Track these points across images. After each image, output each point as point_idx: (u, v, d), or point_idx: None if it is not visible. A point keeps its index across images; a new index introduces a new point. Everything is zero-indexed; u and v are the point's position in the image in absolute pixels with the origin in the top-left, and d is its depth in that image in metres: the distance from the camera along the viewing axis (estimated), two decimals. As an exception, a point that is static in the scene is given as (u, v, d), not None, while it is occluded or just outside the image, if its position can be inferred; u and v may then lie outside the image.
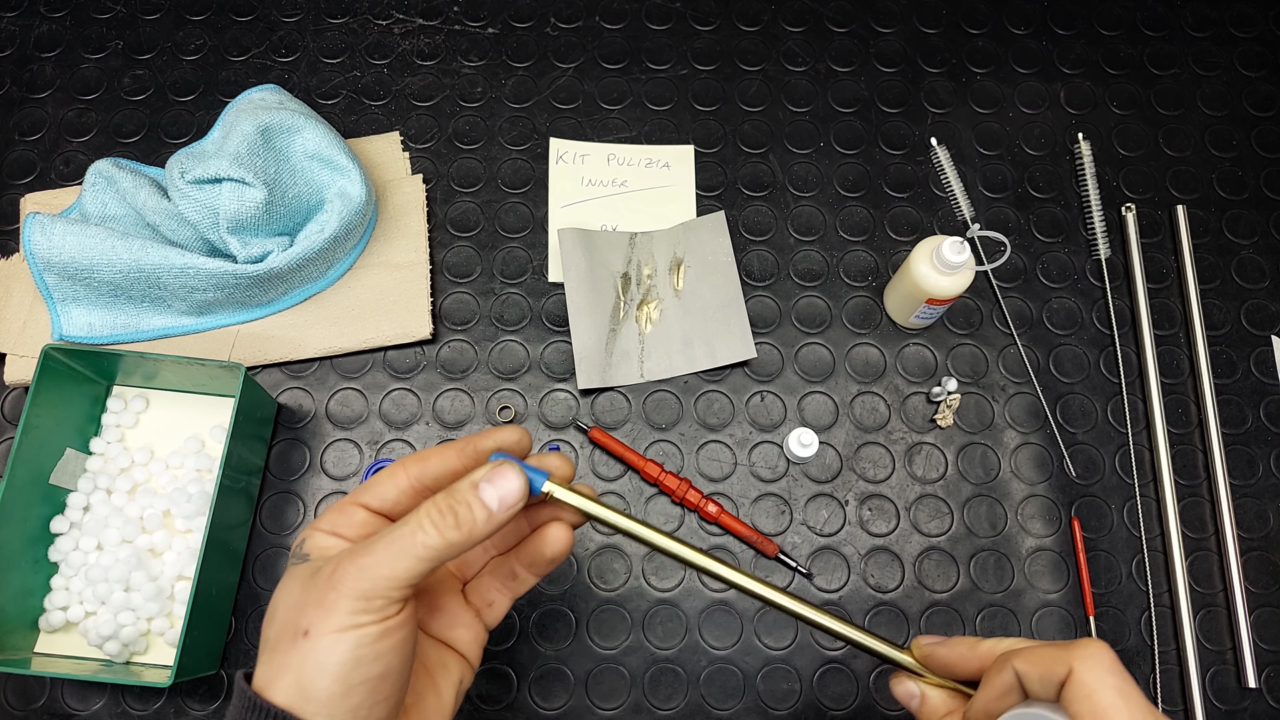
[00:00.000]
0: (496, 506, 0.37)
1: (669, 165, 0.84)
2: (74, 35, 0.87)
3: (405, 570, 0.35)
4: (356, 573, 0.35)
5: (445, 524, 0.36)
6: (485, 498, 0.37)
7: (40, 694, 0.68)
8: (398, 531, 0.36)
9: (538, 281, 0.80)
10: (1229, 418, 0.77)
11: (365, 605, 0.34)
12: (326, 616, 0.34)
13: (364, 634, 0.34)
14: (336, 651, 0.34)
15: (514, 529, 0.44)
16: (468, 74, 0.86)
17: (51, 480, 0.69)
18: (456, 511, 0.36)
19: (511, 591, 0.45)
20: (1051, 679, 0.37)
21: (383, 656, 0.35)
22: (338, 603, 0.34)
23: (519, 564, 0.44)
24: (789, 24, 0.89)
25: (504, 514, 0.37)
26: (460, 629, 0.43)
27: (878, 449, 0.76)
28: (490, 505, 0.37)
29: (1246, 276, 0.82)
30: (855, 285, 0.80)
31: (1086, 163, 0.83)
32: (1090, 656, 0.37)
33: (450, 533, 0.36)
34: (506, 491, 0.37)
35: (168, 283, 0.72)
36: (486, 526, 0.37)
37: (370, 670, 0.35)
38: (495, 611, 0.45)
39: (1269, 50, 0.90)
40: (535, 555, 0.43)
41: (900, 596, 0.72)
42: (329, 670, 0.34)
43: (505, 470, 0.38)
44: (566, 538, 0.43)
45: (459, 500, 0.37)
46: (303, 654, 0.34)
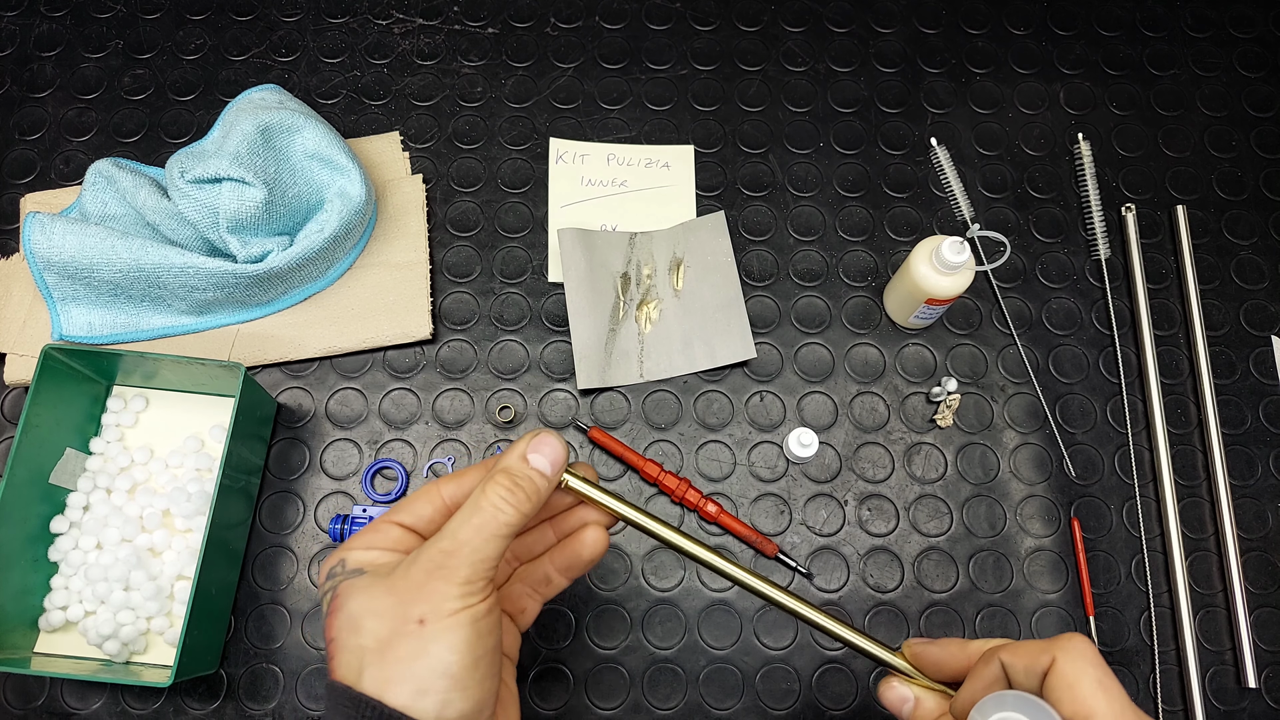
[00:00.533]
0: (549, 470, 0.41)
1: (669, 165, 0.84)
2: (74, 35, 0.87)
3: (495, 549, 0.38)
4: (455, 560, 0.38)
5: (517, 498, 0.39)
6: (537, 464, 0.41)
7: (40, 693, 0.68)
8: (476, 519, 0.39)
9: (537, 281, 0.80)
10: (1229, 418, 0.77)
11: (470, 588, 0.37)
12: (440, 603, 0.37)
13: (477, 611, 0.38)
14: (460, 631, 0.37)
15: (539, 536, 0.47)
16: (468, 74, 0.86)
17: (51, 480, 0.69)
18: (521, 485, 0.40)
19: (542, 595, 0.47)
20: (1035, 670, 0.39)
21: (493, 629, 0.39)
22: (447, 589, 0.37)
23: (554, 568, 0.46)
24: (789, 24, 0.89)
25: (556, 475, 0.41)
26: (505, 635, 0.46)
27: (877, 449, 0.76)
28: (544, 470, 0.41)
29: (1246, 277, 0.82)
30: (855, 285, 0.80)
31: (1086, 163, 0.83)
32: (1073, 649, 0.39)
33: (524, 504, 0.39)
34: (552, 454, 0.41)
35: (167, 282, 0.72)
36: (547, 490, 0.41)
37: (487, 643, 0.38)
38: (527, 617, 0.47)
39: (1268, 51, 0.90)
40: (572, 558, 0.46)
41: (900, 596, 0.72)
42: (457, 648, 0.37)
43: (542, 436, 0.41)
44: (603, 540, 0.46)
45: (520, 475, 0.40)
46: (425, 640, 0.36)
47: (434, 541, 0.39)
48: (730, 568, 0.45)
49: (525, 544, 0.47)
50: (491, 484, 0.40)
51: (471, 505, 0.39)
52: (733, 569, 0.45)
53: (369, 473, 0.74)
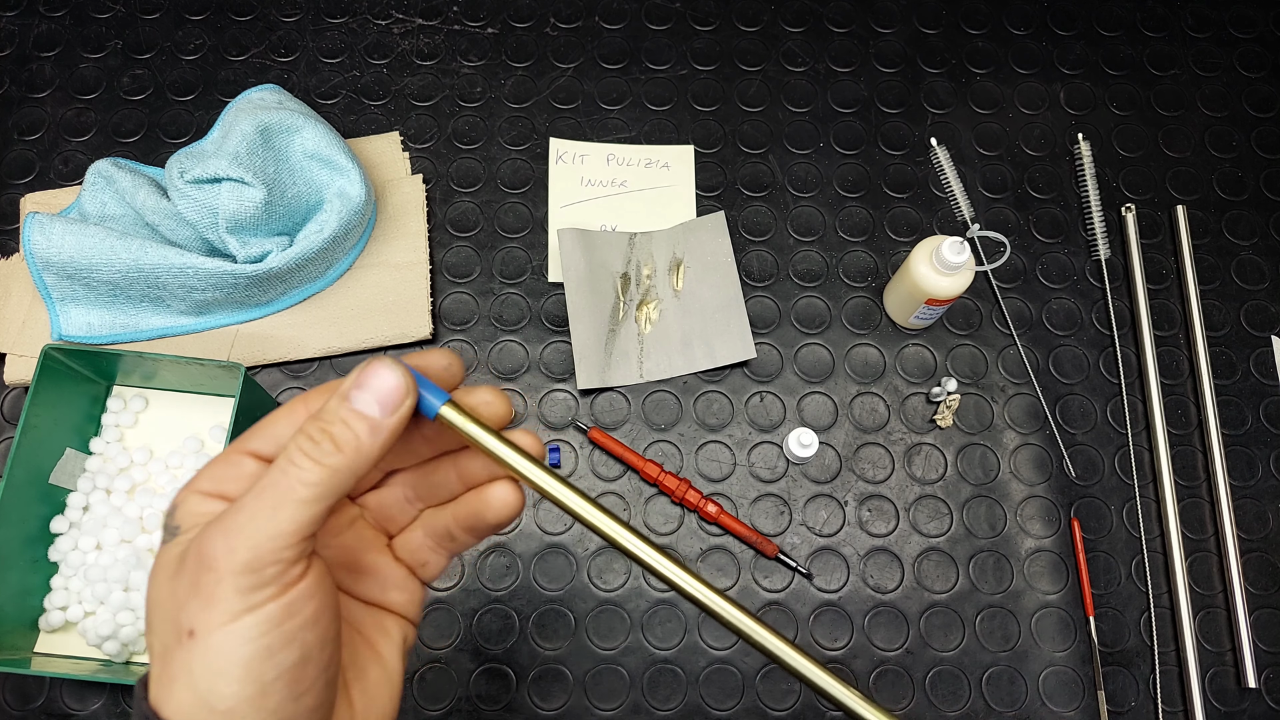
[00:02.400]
0: (379, 412, 0.29)
1: (669, 165, 0.84)
2: (73, 35, 0.87)
3: (290, 521, 0.27)
4: (229, 541, 0.27)
5: (322, 451, 0.28)
6: (360, 406, 0.29)
7: (39, 694, 0.68)
8: (267, 479, 0.28)
9: (537, 281, 0.80)
10: (1229, 419, 0.77)
11: (255, 580, 0.27)
12: (209, 606, 0.27)
13: (264, 615, 0.27)
14: (234, 646, 0.27)
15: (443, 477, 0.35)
16: (467, 74, 0.86)
17: (51, 480, 0.69)
18: (331, 433, 0.29)
19: (449, 550, 0.36)
20: None
21: (295, 637, 0.28)
22: (218, 585, 0.27)
23: (456, 525, 0.35)
24: (789, 24, 0.89)
25: (393, 420, 0.30)
26: (394, 591, 0.35)
27: (877, 449, 0.76)
28: (370, 413, 0.29)
29: (1246, 277, 0.82)
30: (855, 286, 0.80)
31: (1086, 163, 0.83)
32: None
33: (331, 458, 0.28)
34: (383, 391, 0.29)
35: (167, 283, 0.71)
36: (374, 440, 0.29)
37: (285, 659, 0.27)
38: (431, 570, 0.37)
39: (1269, 51, 0.90)
40: (475, 518, 0.34)
41: (899, 597, 0.72)
42: (231, 671, 0.27)
43: (373, 368, 0.30)
44: (513, 499, 0.34)
45: (331, 419, 0.29)
46: (192, 659, 0.27)
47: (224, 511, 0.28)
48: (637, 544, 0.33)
49: (429, 483, 0.35)
50: (297, 432, 0.29)
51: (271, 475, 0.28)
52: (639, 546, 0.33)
53: (369, 473, 0.74)
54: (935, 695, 0.70)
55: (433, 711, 0.69)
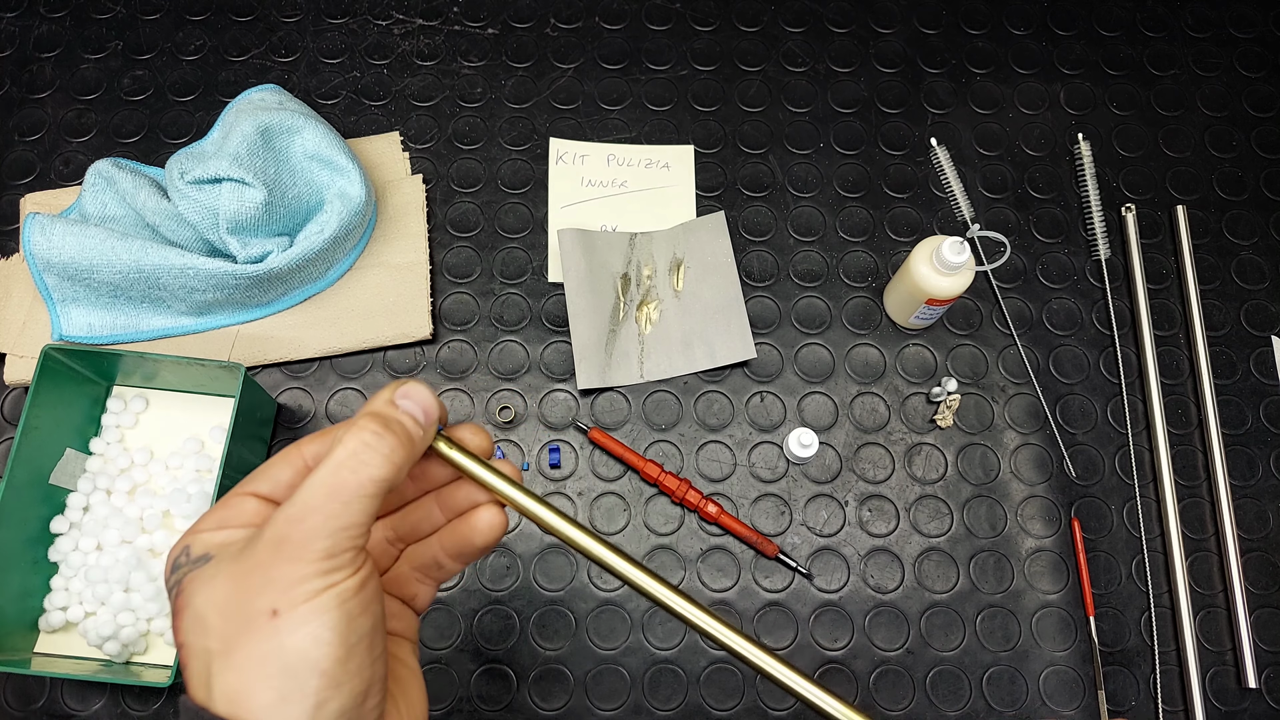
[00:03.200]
0: (422, 417, 0.34)
1: (669, 166, 0.84)
2: (74, 36, 0.87)
3: (361, 513, 0.31)
4: (308, 533, 0.30)
5: (387, 444, 0.32)
6: (408, 409, 0.34)
7: (40, 694, 0.68)
8: (332, 473, 0.31)
9: (537, 282, 0.80)
10: (1229, 418, 0.77)
11: (333, 563, 0.31)
12: (293, 588, 0.30)
13: (344, 589, 0.31)
14: (324, 616, 0.30)
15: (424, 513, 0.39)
16: (468, 74, 0.86)
17: (51, 480, 0.69)
18: (390, 427, 0.32)
19: (436, 580, 0.40)
20: None
21: (368, 606, 0.32)
22: (301, 570, 0.30)
23: (444, 553, 0.38)
24: (789, 25, 0.89)
25: (430, 426, 0.34)
26: (393, 620, 0.39)
27: (877, 449, 0.76)
28: (416, 415, 0.34)
29: (1246, 277, 0.82)
30: (855, 286, 0.80)
31: (1086, 163, 0.83)
32: None
33: (396, 452, 0.32)
34: (424, 400, 0.34)
35: (167, 283, 0.71)
36: (421, 439, 0.34)
37: (363, 625, 0.31)
38: (421, 600, 0.40)
39: (1269, 51, 0.90)
40: (462, 543, 0.37)
41: (900, 597, 0.72)
42: (324, 637, 0.30)
43: (411, 385, 0.34)
44: (498, 522, 0.37)
45: (388, 415, 0.33)
46: (280, 635, 0.30)
47: (282, 509, 0.31)
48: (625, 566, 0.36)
49: (409, 522, 0.39)
50: (353, 430, 0.32)
51: (328, 462, 0.32)
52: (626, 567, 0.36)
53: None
54: (936, 695, 0.70)
55: (433, 712, 0.69)
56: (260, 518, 0.34)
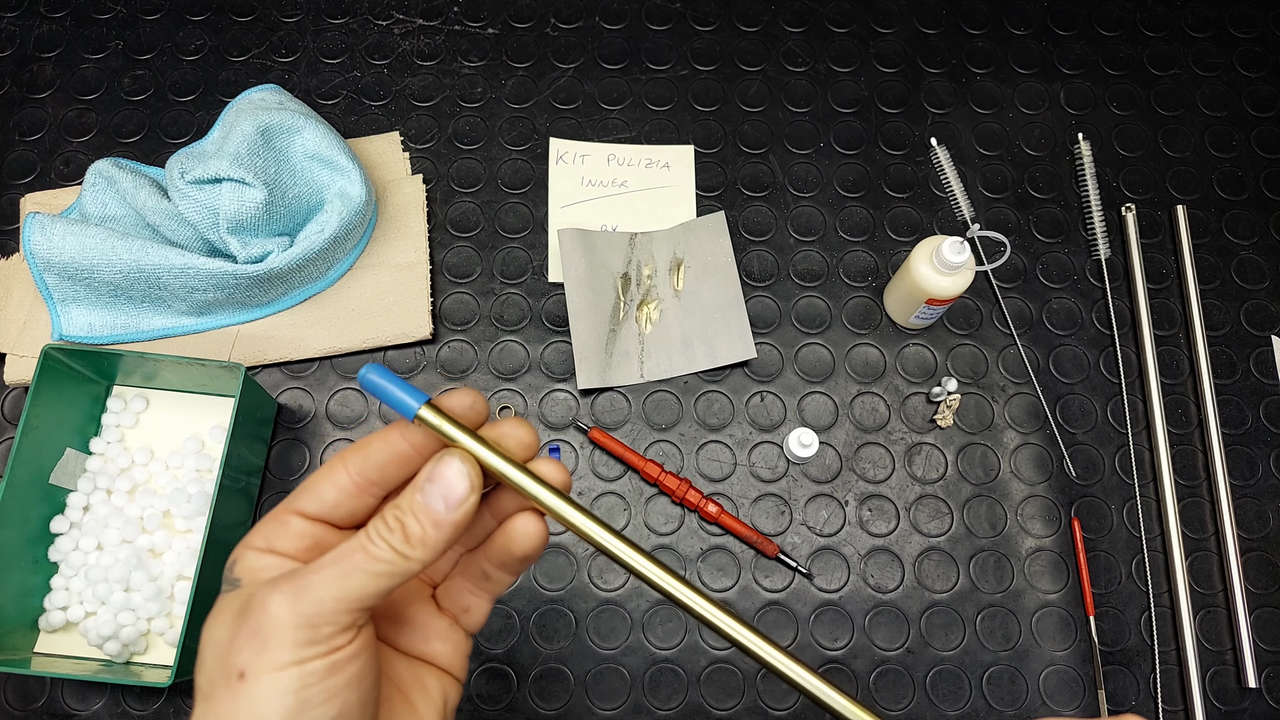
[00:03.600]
0: (443, 508, 0.32)
1: (669, 165, 0.84)
2: (74, 35, 0.87)
3: (357, 589, 0.30)
4: (295, 595, 0.29)
5: (396, 539, 0.31)
6: (428, 502, 0.32)
7: (40, 694, 0.68)
8: (345, 547, 0.31)
9: (538, 282, 0.80)
10: (1229, 418, 0.77)
11: (310, 635, 0.29)
12: (263, 651, 0.29)
13: (310, 670, 0.29)
14: (278, 693, 0.29)
15: (479, 520, 0.37)
16: (468, 74, 0.86)
17: (51, 480, 0.69)
18: (404, 524, 0.31)
19: (488, 593, 0.38)
20: None
21: (336, 694, 0.30)
22: (275, 634, 0.29)
23: (489, 563, 0.37)
24: (789, 24, 0.89)
25: (458, 514, 0.32)
26: (437, 641, 0.37)
27: (878, 449, 0.76)
28: (436, 509, 0.31)
29: (1246, 277, 0.82)
30: (855, 285, 0.80)
31: (1086, 163, 0.83)
32: None
33: (404, 548, 0.31)
34: (449, 489, 0.32)
35: (168, 283, 0.72)
36: (439, 535, 0.32)
37: (322, 713, 0.29)
38: (474, 616, 0.38)
39: (1269, 51, 0.90)
40: (503, 554, 0.36)
41: (900, 597, 0.72)
42: (270, 716, 0.29)
43: (443, 465, 0.32)
44: (537, 531, 0.35)
45: (405, 510, 0.32)
46: (239, 699, 0.29)
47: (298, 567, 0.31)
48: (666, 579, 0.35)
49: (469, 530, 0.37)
50: (378, 517, 0.32)
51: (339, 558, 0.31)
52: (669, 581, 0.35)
53: (369, 473, 0.74)
54: (936, 695, 0.70)
55: (433, 711, 0.69)
56: (306, 540, 0.33)
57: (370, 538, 0.31)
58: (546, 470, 0.35)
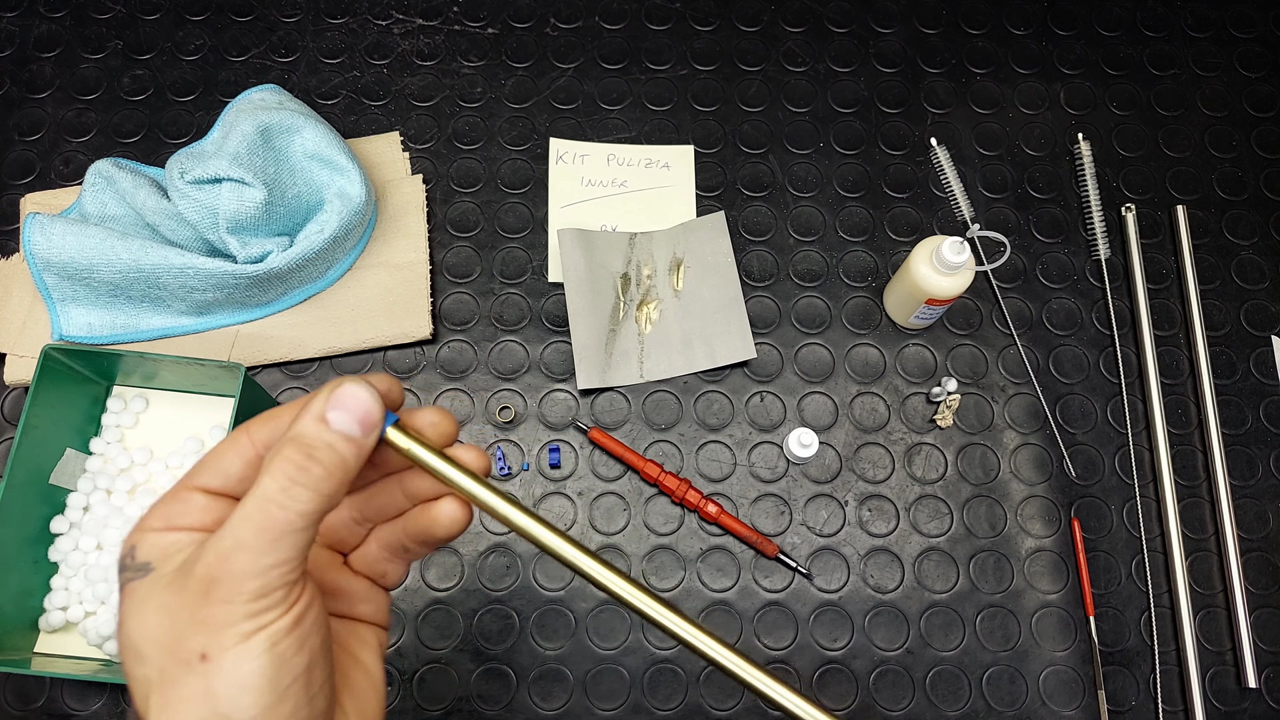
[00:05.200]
0: (358, 430, 0.31)
1: (669, 165, 0.84)
2: (74, 35, 0.87)
3: (291, 548, 0.29)
4: (234, 573, 0.29)
5: (312, 476, 0.30)
6: (340, 426, 0.31)
7: (40, 694, 0.68)
8: (259, 508, 0.30)
9: (537, 281, 0.80)
10: (1229, 418, 0.77)
11: (264, 603, 0.29)
12: (221, 631, 0.29)
13: (276, 629, 0.29)
14: (251, 661, 0.29)
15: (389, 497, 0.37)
16: (468, 74, 0.86)
17: (51, 480, 0.69)
18: (320, 459, 0.30)
19: (405, 560, 0.38)
20: None
21: (304, 643, 0.30)
22: (229, 613, 0.29)
23: (409, 539, 0.36)
24: (789, 24, 0.89)
25: (369, 436, 0.31)
26: (361, 604, 0.37)
27: (877, 449, 0.76)
28: (350, 431, 0.31)
29: (1246, 277, 0.82)
30: (855, 285, 0.80)
31: (1086, 163, 0.83)
32: None
33: (322, 483, 0.30)
34: (360, 410, 0.31)
35: (167, 283, 0.72)
36: (357, 459, 0.31)
37: (297, 665, 0.30)
38: (392, 578, 0.38)
39: (1269, 51, 0.90)
40: (425, 534, 0.36)
41: (900, 597, 0.72)
42: (251, 682, 0.29)
43: (345, 388, 0.31)
44: (461, 515, 0.35)
45: (315, 444, 0.30)
46: (210, 679, 0.28)
47: (212, 543, 0.30)
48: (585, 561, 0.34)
49: (375, 505, 0.37)
50: (277, 460, 0.30)
51: (254, 496, 0.30)
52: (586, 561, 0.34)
53: (369, 473, 0.74)
54: (936, 695, 0.70)
55: (433, 711, 0.69)
56: (209, 516, 0.32)
57: (284, 488, 0.30)
58: (467, 457, 0.34)
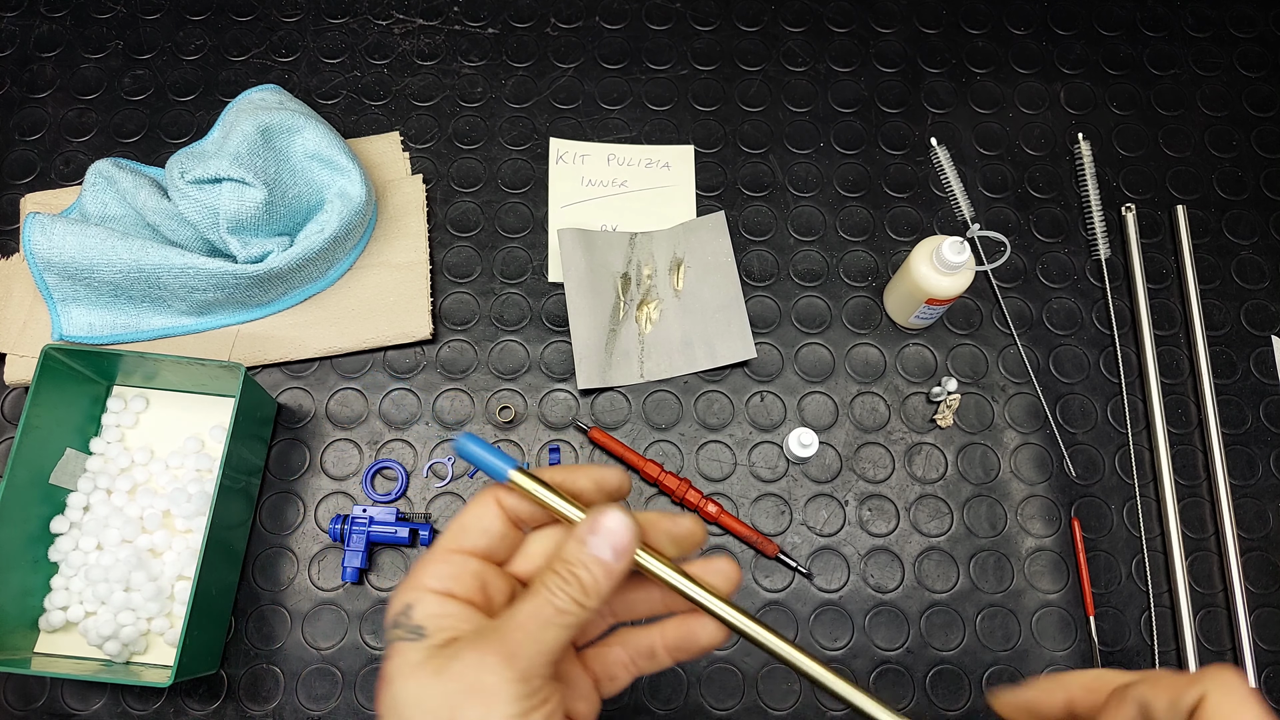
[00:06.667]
0: (612, 558, 0.35)
1: (669, 165, 0.84)
2: (74, 35, 0.87)
3: (553, 642, 0.34)
4: (509, 656, 0.33)
5: (573, 589, 0.34)
6: (596, 551, 0.35)
7: (40, 694, 0.68)
8: (531, 606, 0.34)
9: (538, 281, 0.80)
10: (1229, 418, 0.77)
11: (526, 688, 0.33)
12: (490, 708, 0.32)
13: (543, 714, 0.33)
14: None
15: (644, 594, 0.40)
16: (468, 74, 0.86)
17: (51, 480, 0.69)
18: (578, 575, 0.34)
19: (641, 670, 0.40)
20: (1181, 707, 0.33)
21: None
22: (498, 693, 0.32)
23: (663, 646, 0.39)
24: (789, 24, 0.89)
25: (622, 564, 0.35)
26: (580, 701, 0.39)
27: (878, 449, 0.76)
28: (605, 558, 0.35)
29: (1246, 277, 0.82)
30: (855, 285, 0.80)
31: (1086, 163, 0.83)
32: (1225, 683, 0.33)
33: (581, 598, 0.34)
34: (616, 539, 0.35)
35: (168, 283, 0.72)
36: (609, 582, 0.35)
37: None
38: (616, 685, 0.40)
39: (1269, 51, 0.90)
40: (685, 641, 0.39)
41: (900, 596, 0.72)
42: None
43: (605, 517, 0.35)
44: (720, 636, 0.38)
45: (575, 563, 0.35)
46: None
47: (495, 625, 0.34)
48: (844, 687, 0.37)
49: (627, 600, 0.40)
50: (548, 570, 0.35)
51: (532, 590, 0.34)
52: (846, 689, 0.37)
53: (369, 473, 0.74)
54: (936, 695, 0.70)
55: (433, 711, 0.69)
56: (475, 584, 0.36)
57: (554, 594, 0.34)
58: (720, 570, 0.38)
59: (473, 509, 0.37)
